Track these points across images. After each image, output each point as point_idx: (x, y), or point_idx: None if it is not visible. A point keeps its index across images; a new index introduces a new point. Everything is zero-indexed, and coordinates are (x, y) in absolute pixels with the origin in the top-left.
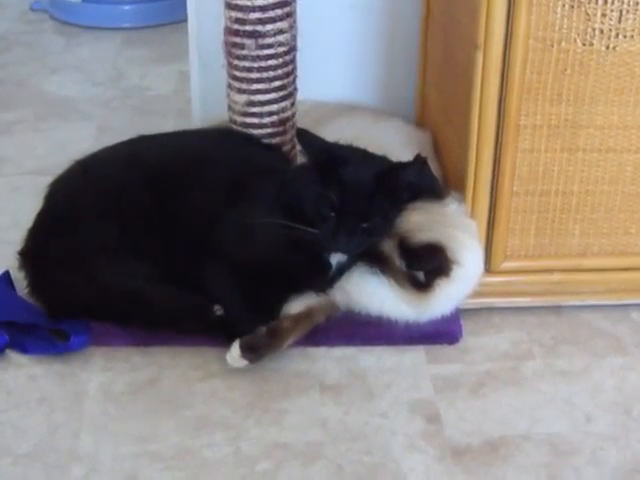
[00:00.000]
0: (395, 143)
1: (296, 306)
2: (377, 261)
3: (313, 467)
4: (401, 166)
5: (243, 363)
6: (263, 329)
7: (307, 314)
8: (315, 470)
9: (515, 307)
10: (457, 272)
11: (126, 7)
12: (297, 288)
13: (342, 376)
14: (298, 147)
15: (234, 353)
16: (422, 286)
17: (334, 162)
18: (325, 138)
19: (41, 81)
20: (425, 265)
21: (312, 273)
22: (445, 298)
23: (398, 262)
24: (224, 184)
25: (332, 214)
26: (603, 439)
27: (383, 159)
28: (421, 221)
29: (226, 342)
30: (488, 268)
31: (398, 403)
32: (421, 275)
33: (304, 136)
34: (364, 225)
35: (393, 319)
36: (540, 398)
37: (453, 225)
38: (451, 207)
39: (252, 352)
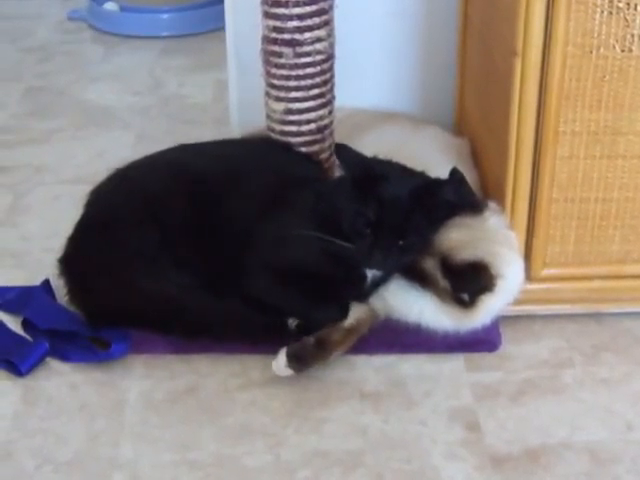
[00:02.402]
0: (433, 151)
1: (348, 319)
2: (419, 279)
3: (353, 475)
4: (438, 183)
5: (288, 372)
6: (311, 339)
7: (356, 327)
8: (355, 478)
9: (555, 314)
10: (500, 286)
11: (164, 16)
12: (333, 298)
13: (382, 384)
14: (336, 161)
15: (280, 362)
16: (466, 303)
17: (372, 178)
18: (363, 145)
19: (80, 90)
20: (471, 286)
21: (347, 284)
22: (488, 311)
23: (442, 282)
24: (263, 194)
25: (368, 230)
26: None
27: (421, 175)
28: (462, 238)
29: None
30: (528, 275)
31: (438, 411)
32: (466, 297)
33: (342, 151)
34: (400, 243)
35: (432, 328)
36: (580, 406)
37: (494, 240)
38: (490, 221)
39: (298, 362)
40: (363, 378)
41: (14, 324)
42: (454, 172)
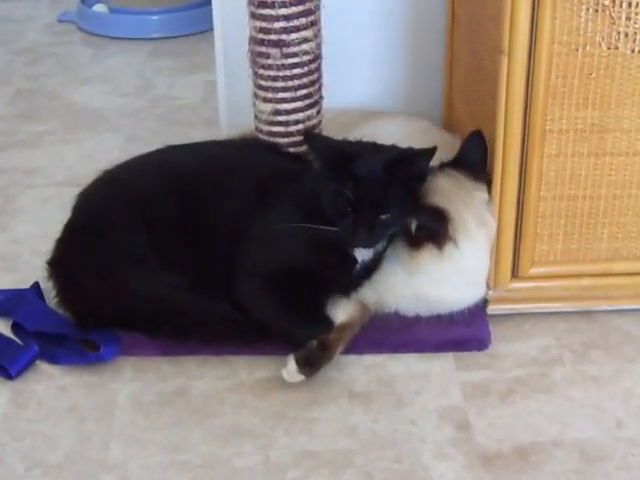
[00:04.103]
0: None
1: (340, 316)
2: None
3: (343, 475)
4: (412, 153)
5: (300, 378)
6: (314, 342)
7: (350, 323)
8: (345, 478)
9: (544, 313)
10: (451, 252)
11: (153, 17)
12: (327, 290)
13: (371, 384)
14: (307, 150)
15: (291, 368)
16: (413, 244)
17: (345, 158)
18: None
19: (70, 92)
20: (424, 219)
21: (338, 272)
22: (433, 271)
23: (410, 222)
24: (251, 194)
25: (349, 209)
26: (634, 445)
27: (393, 148)
28: (446, 188)
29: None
30: (516, 274)
31: (427, 410)
32: (413, 226)
33: (311, 139)
34: (382, 217)
35: (409, 314)
36: (570, 404)
37: (472, 212)
38: (481, 195)
39: (308, 366)
40: (352, 378)
41: (3, 327)
42: (476, 134)
